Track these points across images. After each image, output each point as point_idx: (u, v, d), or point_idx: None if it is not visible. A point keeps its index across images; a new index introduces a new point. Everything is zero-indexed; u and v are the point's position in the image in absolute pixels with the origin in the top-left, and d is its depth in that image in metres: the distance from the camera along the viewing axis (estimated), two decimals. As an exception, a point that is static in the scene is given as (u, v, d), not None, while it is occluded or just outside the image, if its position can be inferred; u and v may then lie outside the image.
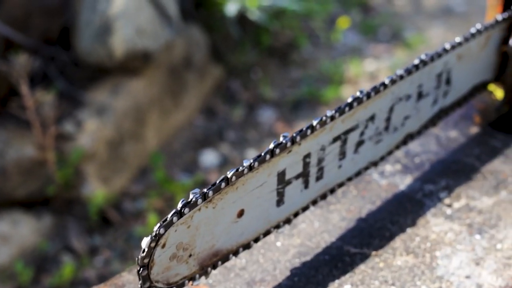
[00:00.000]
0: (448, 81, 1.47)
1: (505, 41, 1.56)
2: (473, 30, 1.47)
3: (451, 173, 1.50)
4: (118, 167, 2.88)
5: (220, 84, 3.33)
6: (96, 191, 2.73)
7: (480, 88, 1.59)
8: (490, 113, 1.64)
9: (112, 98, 2.86)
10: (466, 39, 1.46)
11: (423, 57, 1.38)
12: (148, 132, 3.00)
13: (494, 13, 1.57)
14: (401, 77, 1.35)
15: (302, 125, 1.22)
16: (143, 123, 2.97)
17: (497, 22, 1.52)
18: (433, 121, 1.50)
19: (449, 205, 1.42)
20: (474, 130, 1.61)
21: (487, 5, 1.60)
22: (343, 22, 3.60)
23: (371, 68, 3.49)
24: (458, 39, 1.44)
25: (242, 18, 3.26)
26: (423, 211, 1.40)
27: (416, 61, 1.38)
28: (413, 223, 1.38)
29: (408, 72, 1.36)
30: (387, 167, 1.52)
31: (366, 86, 3.29)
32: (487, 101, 1.67)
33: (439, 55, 1.41)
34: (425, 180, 1.49)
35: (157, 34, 2.89)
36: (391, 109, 1.37)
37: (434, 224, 1.37)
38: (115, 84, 2.90)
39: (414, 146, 1.57)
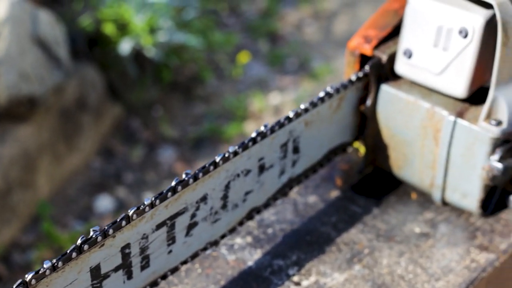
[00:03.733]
0: (296, 150, 1.39)
1: (362, 100, 1.49)
2: (321, 94, 1.39)
3: (304, 245, 1.42)
4: (7, 217, 2.76)
5: (119, 124, 3.23)
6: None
7: (338, 151, 1.51)
8: (353, 175, 1.56)
9: (-2, 146, 2.74)
10: (314, 105, 1.38)
11: (262, 129, 1.30)
12: (39, 178, 2.88)
13: (352, 71, 1.50)
14: (236, 153, 1.26)
15: (203, 164, 1.15)
16: (33, 169, 2.85)
17: (351, 82, 1.44)
18: (282, 192, 1.41)
19: (298, 283, 1.34)
20: (335, 194, 1.53)
21: (345, 63, 1.52)
22: (244, 57, 3.52)
23: (276, 101, 3.41)
24: (303, 106, 1.36)
25: (139, 55, 3.16)
26: (268, 293, 1.32)
27: (254, 134, 1.29)
28: (254, 308, 1.29)
29: (244, 147, 1.27)
30: (238, 240, 1.43)
31: (270, 121, 3.21)
32: (352, 160, 1.59)
33: (281, 125, 1.33)
34: (276, 254, 1.40)
35: (44, 78, 2.78)
36: (227, 187, 1.28)
37: (277, 308, 1.29)
38: (0, 132, 2.78)
39: (269, 214, 1.48)
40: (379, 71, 1.46)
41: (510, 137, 1.40)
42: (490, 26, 1.34)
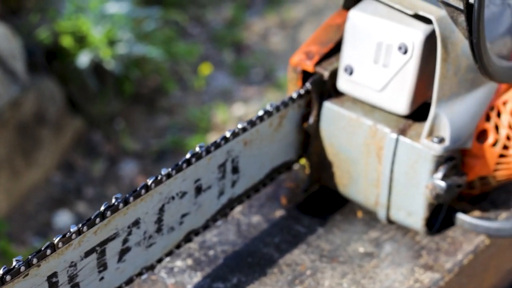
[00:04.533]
0: (235, 170, 1.36)
1: (305, 118, 1.46)
2: (260, 113, 1.36)
3: (245, 267, 1.39)
4: (-37, 234, 2.71)
5: (80, 137, 3.18)
6: None
7: (282, 170, 1.48)
8: (299, 194, 1.53)
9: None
10: (253, 124, 1.35)
11: (197, 149, 1.26)
12: (-3, 195, 2.83)
13: (294, 88, 1.47)
14: (169, 175, 1.23)
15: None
16: (-10, 186, 2.80)
17: (292, 99, 1.41)
18: (222, 213, 1.38)
19: (237, 308, 1.31)
20: (280, 213, 1.50)
21: (287, 79, 1.49)
22: (206, 68, 3.48)
23: (240, 112, 3.38)
24: (241, 125, 1.33)
25: (99, 67, 3.12)
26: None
27: (188, 156, 1.25)
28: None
29: (178, 169, 1.24)
30: (178, 263, 1.39)
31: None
32: (299, 178, 1.57)
33: (217, 145, 1.30)
34: (216, 277, 1.37)
35: None
36: (161, 210, 1.24)
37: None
38: (-45, 147, 2.73)
39: (211, 236, 1.45)
40: (321, 88, 1.43)
41: (454, 154, 1.37)
42: (431, 42, 1.32)
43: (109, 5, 3.03)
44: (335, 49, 1.44)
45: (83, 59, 2.98)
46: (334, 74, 1.43)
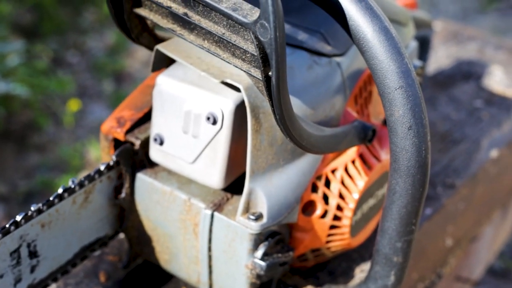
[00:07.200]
0: (34, 254, 1.22)
1: (118, 190, 1.32)
2: (60, 191, 1.22)
3: None
4: None
5: None
6: None
7: (96, 247, 1.34)
8: (119, 270, 1.39)
9: None
10: (49, 205, 1.21)
11: (-22, 239, 1.12)
12: None
13: (108, 157, 1.33)
14: None
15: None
16: None
17: (99, 172, 1.28)
18: (21, 302, 1.23)
19: None
20: (98, 292, 1.36)
21: (100, 147, 1.35)
22: (74, 105, 3.32)
23: (116, 147, 3.22)
24: (35, 207, 1.19)
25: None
26: None
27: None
28: None
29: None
30: None
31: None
32: (122, 252, 1.43)
33: (6, 232, 1.15)
34: None
35: None
36: None
37: None
38: None
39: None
40: (133, 158, 1.30)
41: (279, 229, 1.26)
42: (243, 111, 1.20)
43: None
44: (150, 115, 1.32)
45: None
46: (147, 143, 1.30)
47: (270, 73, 1.03)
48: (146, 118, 1.32)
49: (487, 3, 4.24)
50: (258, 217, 1.21)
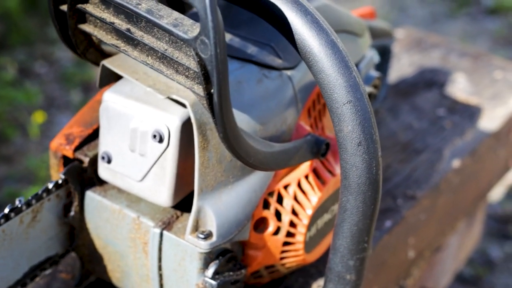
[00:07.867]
0: (-22, 277, 1.19)
1: (68, 208, 1.30)
2: (6, 210, 1.20)
3: None
4: None
5: None
6: None
7: (47, 266, 1.32)
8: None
9: None
10: (-6, 224, 1.18)
11: None
12: None
13: (57, 175, 1.31)
14: None
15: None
16: None
17: (47, 191, 1.25)
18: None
19: None
20: (48, 313, 1.33)
21: (50, 165, 1.32)
22: (39, 116, 3.29)
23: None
24: (-22, 228, 1.16)
25: None
26: None
27: None
28: None
29: None
30: None
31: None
32: (76, 269, 1.41)
33: None
34: None
35: None
36: None
37: None
38: None
39: None
40: (81, 176, 1.27)
41: (231, 247, 1.24)
42: (191, 128, 1.17)
43: None
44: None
45: None
46: (96, 160, 1.27)
47: (212, 90, 1.01)
48: (95, 134, 1.30)
49: (456, 8, 4.24)
50: (208, 235, 1.19)
